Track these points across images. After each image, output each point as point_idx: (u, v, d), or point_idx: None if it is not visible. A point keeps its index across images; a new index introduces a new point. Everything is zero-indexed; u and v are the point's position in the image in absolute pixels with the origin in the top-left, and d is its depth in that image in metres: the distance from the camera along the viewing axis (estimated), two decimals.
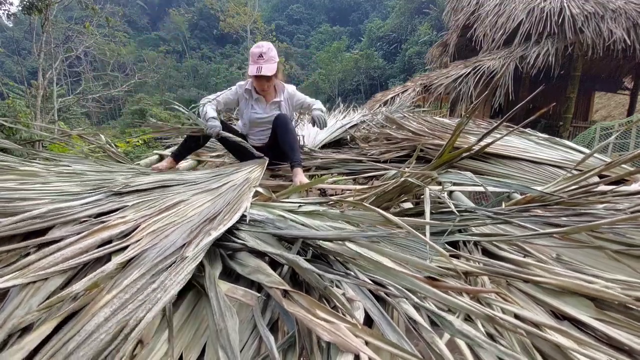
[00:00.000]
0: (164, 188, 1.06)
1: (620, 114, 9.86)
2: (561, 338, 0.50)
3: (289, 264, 0.67)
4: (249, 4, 26.91)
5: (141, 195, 0.96)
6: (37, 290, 0.54)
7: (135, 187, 0.98)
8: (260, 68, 1.79)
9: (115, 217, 0.80)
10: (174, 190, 1.04)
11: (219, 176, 1.30)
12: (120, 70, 15.67)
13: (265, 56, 1.80)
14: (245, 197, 1.04)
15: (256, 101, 1.99)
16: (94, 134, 1.89)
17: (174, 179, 1.18)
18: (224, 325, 0.51)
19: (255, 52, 1.81)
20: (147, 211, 0.85)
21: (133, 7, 39.69)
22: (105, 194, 0.90)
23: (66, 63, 9.52)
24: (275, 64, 1.84)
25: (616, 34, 5.57)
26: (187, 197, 0.99)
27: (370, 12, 39.79)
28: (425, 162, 1.89)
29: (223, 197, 1.03)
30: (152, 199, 0.95)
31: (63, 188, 0.92)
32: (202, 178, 1.24)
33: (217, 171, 1.41)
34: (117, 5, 15.17)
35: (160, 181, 1.11)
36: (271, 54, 1.82)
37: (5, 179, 0.90)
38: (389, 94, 7.70)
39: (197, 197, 1.01)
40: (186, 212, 0.88)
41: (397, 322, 0.56)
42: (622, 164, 1.14)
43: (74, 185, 0.96)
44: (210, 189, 1.10)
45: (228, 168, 1.53)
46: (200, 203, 0.96)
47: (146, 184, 1.04)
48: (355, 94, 24.35)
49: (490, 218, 0.89)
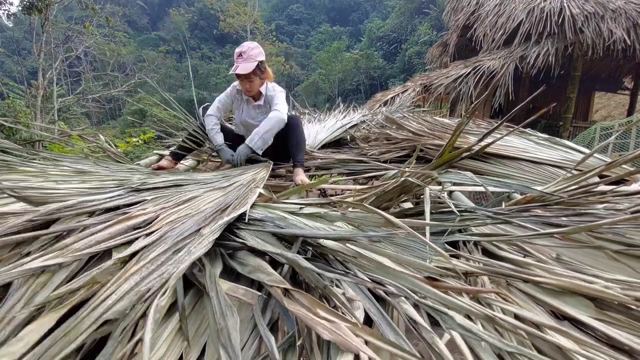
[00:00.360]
0: (177, 187, 1.13)
1: (620, 114, 9.87)
2: (561, 338, 0.50)
3: (289, 263, 0.67)
4: (249, 4, 26.93)
5: (157, 192, 1.04)
6: (67, 269, 0.61)
7: (152, 185, 1.06)
8: (237, 67, 1.77)
9: (136, 209, 0.87)
10: (186, 188, 1.12)
11: (227, 177, 1.35)
12: (120, 70, 15.66)
13: (244, 55, 1.78)
14: (251, 193, 1.10)
15: (246, 102, 1.99)
16: (94, 134, 1.89)
17: (186, 178, 1.26)
18: (225, 324, 0.51)
19: (236, 52, 1.80)
20: (165, 205, 0.92)
21: (133, 7, 39.70)
22: (125, 190, 0.97)
23: (66, 63, 9.51)
24: (254, 62, 1.78)
25: (616, 34, 5.57)
26: (199, 193, 1.06)
27: (370, 12, 39.80)
28: (425, 162, 1.90)
29: (232, 193, 1.10)
30: (168, 195, 1.02)
31: (85, 185, 1.01)
32: (212, 178, 1.30)
33: (225, 172, 1.45)
34: (117, 5, 15.16)
35: (173, 180, 1.19)
36: (251, 53, 1.79)
37: (28, 177, 0.99)
38: (389, 94, 7.70)
39: (208, 193, 1.07)
40: (199, 205, 0.96)
41: (397, 322, 0.56)
42: (622, 164, 1.14)
43: (95, 182, 1.06)
44: (220, 187, 1.17)
45: (235, 170, 1.57)
46: (212, 198, 1.03)
47: (162, 183, 1.12)
48: (355, 94, 24.37)
49: (490, 218, 0.90)
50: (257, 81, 1.87)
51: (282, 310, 0.57)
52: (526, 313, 0.56)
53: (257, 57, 1.80)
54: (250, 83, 1.85)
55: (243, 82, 1.85)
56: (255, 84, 1.87)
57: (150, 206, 0.90)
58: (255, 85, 1.87)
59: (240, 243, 0.76)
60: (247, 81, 1.84)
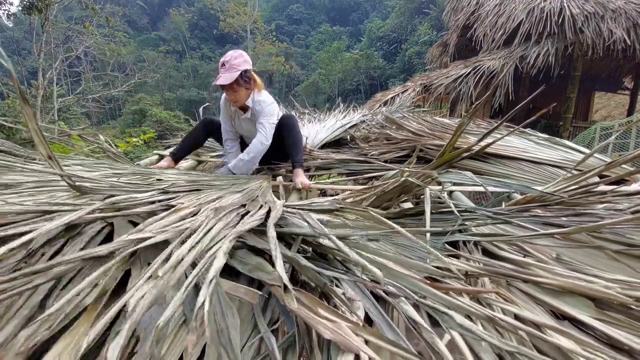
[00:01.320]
0: (198, 191, 1.17)
1: (620, 114, 9.87)
2: (561, 338, 0.50)
3: (288, 262, 0.67)
4: (249, 4, 26.92)
5: (184, 193, 1.07)
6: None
7: (180, 187, 1.11)
8: (219, 77, 1.71)
9: (176, 203, 0.90)
10: (206, 192, 1.16)
11: (236, 184, 1.38)
12: (120, 70, 15.67)
13: (227, 64, 1.70)
14: (268, 192, 1.20)
15: (236, 113, 1.96)
16: (94, 134, 1.89)
17: (203, 182, 1.31)
18: (225, 324, 0.51)
19: (220, 62, 1.74)
20: (199, 201, 0.96)
21: (133, 7, 39.70)
22: (156, 191, 1.01)
23: (66, 63, 9.52)
24: (237, 72, 1.70)
25: (616, 34, 5.57)
26: (222, 194, 1.11)
27: (370, 12, 39.81)
28: (425, 162, 1.89)
29: (248, 194, 1.15)
30: (195, 195, 1.06)
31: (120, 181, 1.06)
32: (224, 185, 1.34)
33: (232, 180, 1.46)
34: (117, 5, 15.17)
35: (194, 182, 1.24)
36: (234, 62, 1.71)
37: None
38: (389, 94, 7.70)
39: (229, 195, 1.12)
40: (227, 201, 1.01)
41: (397, 323, 0.56)
42: (622, 164, 1.14)
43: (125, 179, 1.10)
44: (236, 191, 1.21)
45: (240, 179, 1.59)
46: (235, 198, 1.08)
47: (187, 186, 1.17)
48: (355, 94, 24.37)
49: (490, 218, 0.90)
50: (242, 91, 1.79)
51: (282, 310, 0.57)
52: (526, 313, 0.56)
53: (241, 66, 1.72)
54: (235, 94, 1.78)
55: (228, 93, 1.79)
56: (241, 95, 1.80)
57: (186, 201, 0.94)
58: (240, 95, 1.80)
59: (240, 242, 0.76)
60: (232, 92, 1.77)
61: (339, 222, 0.88)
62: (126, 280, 0.60)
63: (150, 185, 1.08)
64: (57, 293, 0.57)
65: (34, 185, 0.87)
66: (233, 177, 1.59)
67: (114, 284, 0.58)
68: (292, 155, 1.86)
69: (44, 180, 0.92)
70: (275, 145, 1.92)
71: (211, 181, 1.33)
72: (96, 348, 0.49)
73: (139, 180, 1.12)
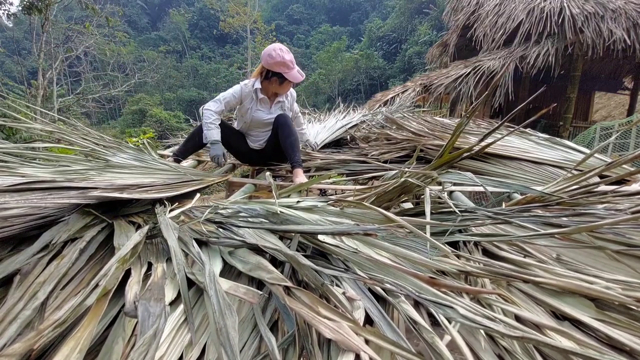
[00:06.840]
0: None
1: (620, 114, 9.86)
2: (562, 338, 0.50)
3: (287, 260, 0.67)
4: (249, 4, 26.85)
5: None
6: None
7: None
8: (298, 76, 1.82)
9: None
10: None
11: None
12: (120, 70, 15.66)
13: (293, 62, 1.81)
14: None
15: (260, 101, 1.96)
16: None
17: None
18: (224, 323, 0.51)
19: (287, 59, 1.78)
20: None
21: (133, 7, 39.71)
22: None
23: (66, 63, 9.52)
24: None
25: (616, 34, 5.56)
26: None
27: (370, 12, 39.79)
28: (425, 162, 1.89)
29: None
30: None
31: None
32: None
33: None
34: (117, 5, 15.14)
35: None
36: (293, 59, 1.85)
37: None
38: (389, 94, 7.68)
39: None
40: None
41: (397, 322, 0.56)
42: (623, 164, 1.14)
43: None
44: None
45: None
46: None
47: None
48: (355, 94, 24.36)
49: (490, 218, 0.89)
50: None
51: (282, 309, 0.57)
52: (527, 313, 0.56)
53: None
54: (290, 85, 1.93)
55: (287, 87, 1.92)
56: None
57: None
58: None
59: (240, 241, 0.76)
60: (290, 84, 1.92)
61: (333, 209, 0.88)
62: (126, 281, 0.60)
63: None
64: (56, 294, 0.57)
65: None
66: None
67: (115, 284, 0.58)
68: (290, 156, 1.83)
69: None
70: (275, 146, 1.92)
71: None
72: (97, 346, 0.49)
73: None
